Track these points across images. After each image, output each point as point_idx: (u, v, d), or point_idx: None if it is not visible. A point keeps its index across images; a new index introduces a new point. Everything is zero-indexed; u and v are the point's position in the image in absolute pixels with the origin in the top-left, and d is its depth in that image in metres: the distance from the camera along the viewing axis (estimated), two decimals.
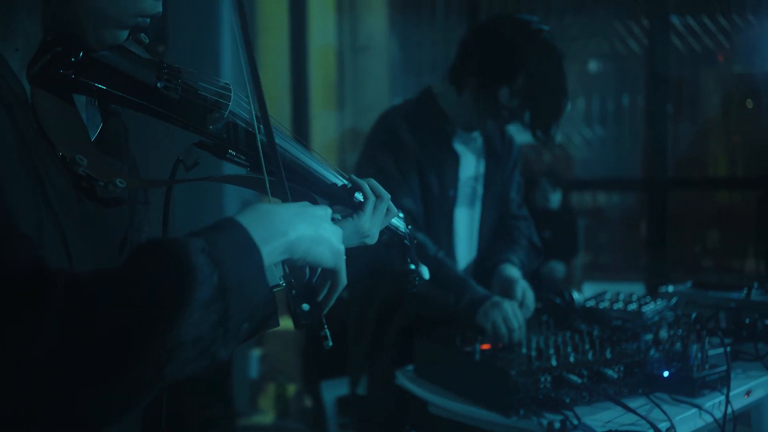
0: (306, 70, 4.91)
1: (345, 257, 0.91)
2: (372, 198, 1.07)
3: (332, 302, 0.92)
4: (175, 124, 0.94)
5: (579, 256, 5.05)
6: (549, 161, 5.10)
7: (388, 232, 1.20)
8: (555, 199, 4.29)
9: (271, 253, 0.82)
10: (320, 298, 0.91)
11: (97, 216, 0.91)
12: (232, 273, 0.77)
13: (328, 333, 0.88)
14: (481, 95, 2.05)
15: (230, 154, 0.98)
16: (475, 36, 2.11)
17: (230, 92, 0.96)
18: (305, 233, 0.86)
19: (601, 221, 6.05)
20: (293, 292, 0.86)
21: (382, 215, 1.09)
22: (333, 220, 0.98)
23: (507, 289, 2.05)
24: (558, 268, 4.26)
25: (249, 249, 0.80)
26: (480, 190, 2.24)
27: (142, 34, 0.94)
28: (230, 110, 0.96)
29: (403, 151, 2.09)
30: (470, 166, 2.22)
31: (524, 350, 1.77)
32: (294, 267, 0.87)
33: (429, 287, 2.00)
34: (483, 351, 1.78)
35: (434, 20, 5.12)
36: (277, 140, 0.97)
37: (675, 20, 4.86)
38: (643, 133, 5.14)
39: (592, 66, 6.01)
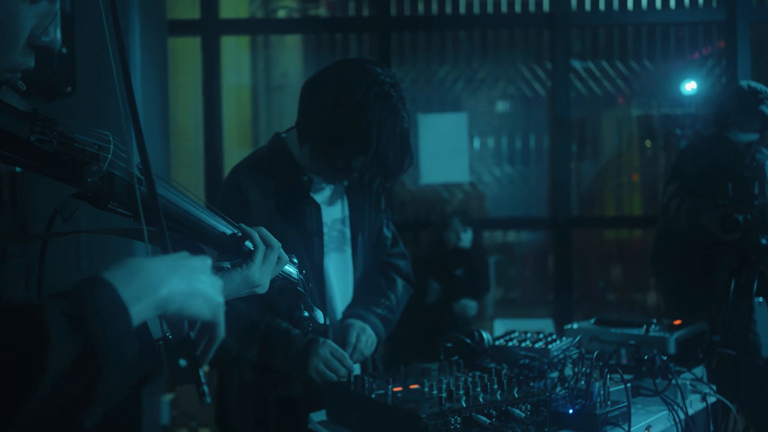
0: (219, 109, 4.89)
1: (225, 308, 0.89)
2: (262, 247, 1.05)
3: (210, 356, 0.90)
4: (51, 177, 0.91)
5: (491, 293, 5.16)
6: (461, 200, 5.22)
7: (281, 279, 1.18)
8: (466, 237, 4.39)
9: (141, 311, 0.79)
10: (198, 352, 0.88)
11: None
12: (98, 336, 0.73)
13: (206, 389, 0.85)
14: (318, 155, 1.95)
15: (112, 205, 0.95)
16: (314, 87, 1.98)
17: (110, 144, 0.93)
18: (178, 288, 0.83)
19: (511, 257, 6.21)
20: (169, 347, 0.85)
21: (272, 264, 1.07)
22: (221, 269, 0.96)
23: (342, 333, 2.06)
24: (471, 305, 4.34)
25: (117, 309, 0.77)
26: (348, 232, 2.14)
27: (20, 81, 0.91)
28: (109, 161, 0.93)
29: (249, 211, 1.97)
30: (333, 209, 2.11)
31: (435, 392, 1.79)
32: (171, 321, 0.85)
33: (262, 357, 1.99)
34: (395, 393, 1.80)
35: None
36: (161, 191, 0.96)
37: (576, 65, 5.10)
38: (548, 172, 5.34)
39: (500, 107, 6.22)
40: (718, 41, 5.06)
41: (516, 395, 1.75)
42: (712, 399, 2.08)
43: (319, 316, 1.27)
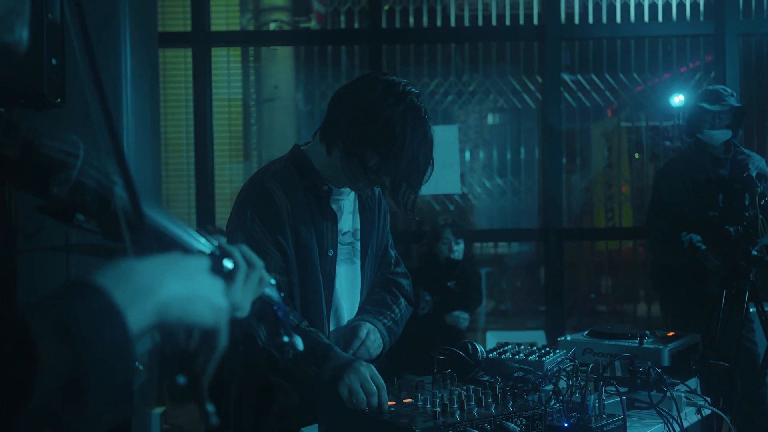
0: (210, 122, 4.88)
1: (227, 314, 0.81)
2: (243, 267, 0.94)
3: (211, 369, 0.80)
4: (15, 186, 0.85)
5: (482, 305, 5.15)
6: (452, 212, 5.22)
7: (260, 302, 1.08)
8: (459, 249, 4.38)
9: (138, 317, 0.70)
10: (199, 366, 0.78)
11: None
12: (90, 348, 0.65)
13: (211, 408, 0.76)
14: (349, 158, 1.99)
15: (78, 219, 0.86)
16: (343, 97, 2.05)
17: (79, 150, 0.84)
18: (177, 290, 0.74)
19: (502, 269, 6.21)
20: (164, 362, 0.75)
21: (254, 285, 0.97)
22: None
23: (352, 329, 2.06)
24: (463, 317, 4.32)
25: (110, 316, 0.68)
26: (358, 245, 2.19)
27: None
28: (79, 170, 0.83)
29: (276, 213, 2.01)
30: (347, 222, 2.17)
31: (429, 406, 1.78)
32: (166, 331, 0.75)
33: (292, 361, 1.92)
34: (388, 407, 1.78)
35: (339, 73, 5.21)
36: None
37: (565, 77, 5.13)
38: (539, 183, 5.36)
39: (491, 119, 6.25)
40: (706, 54, 5.10)
41: (511, 409, 1.74)
42: (706, 411, 2.08)
43: (298, 342, 1.19)
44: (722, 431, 2.19)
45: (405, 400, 1.85)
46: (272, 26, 5.78)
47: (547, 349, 2.20)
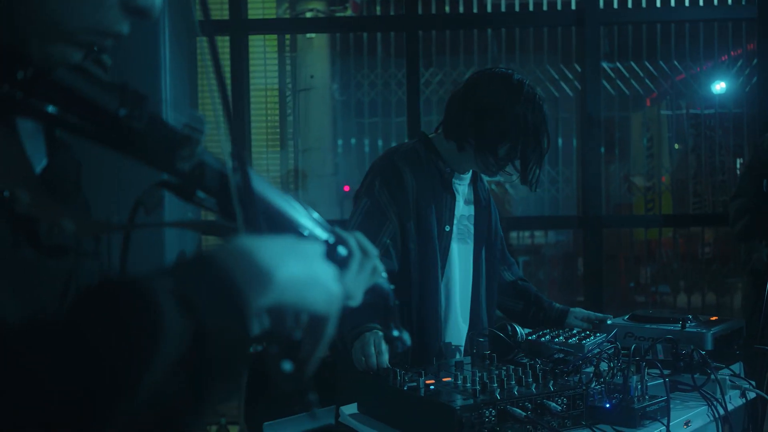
0: (247, 110, 4.91)
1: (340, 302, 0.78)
2: (358, 254, 0.92)
3: (319, 358, 0.77)
4: (138, 159, 0.79)
5: None
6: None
7: (372, 292, 1.06)
8: None
9: (257, 298, 0.68)
10: (305, 353, 0.76)
11: (35, 266, 0.76)
12: (211, 322, 0.64)
13: (314, 398, 0.74)
14: (482, 152, 2.25)
15: (198, 196, 0.84)
16: (465, 98, 2.30)
17: (203, 125, 0.82)
18: (296, 273, 0.72)
19: (539, 258, 6.16)
20: (274, 348, 0.72)
21: (367, 274, 0.95)
22: None
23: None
24: None
25: (231, 293, 0.66)
26: (471, 228, 2.45)
27: (105, 56, 0.81)
28: (203, 146, 0.82)
29: (402, 187, 2.25)
30: (464, 207, 2.43)
31: (468, 385, 1.78)
32: (278, 315, 0.72)
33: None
34: (427, 385, 1.78)
35: (374, 63, 5.20)
36: (253, 184, 0.84)
37: (605, 65, 5.06)
38: (577, 173, 5.29)
39: None
40: (748, 40, 4.98)
41: (552, 388, 1.72)
42: (751, 395, 2.04)
43: (407, 337, 1.17)
44: (767, 415, 2.15)
45: (444, 379, 1.85)
46: (308, 15, 5.80)
47: (587, 332, 2.18)
